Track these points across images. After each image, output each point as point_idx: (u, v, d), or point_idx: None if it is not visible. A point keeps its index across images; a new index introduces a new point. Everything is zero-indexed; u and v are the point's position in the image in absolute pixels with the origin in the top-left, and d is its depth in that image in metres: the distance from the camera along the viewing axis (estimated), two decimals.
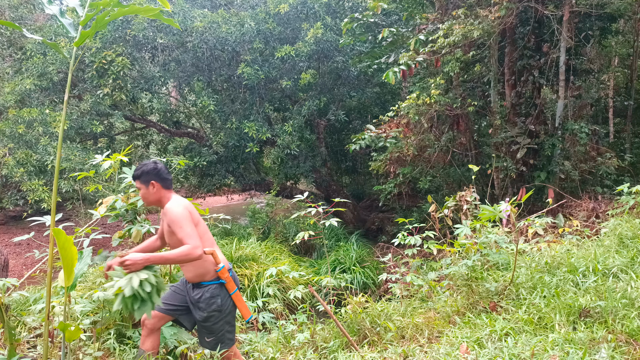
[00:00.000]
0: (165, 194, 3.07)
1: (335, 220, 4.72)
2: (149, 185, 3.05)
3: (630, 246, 4.28)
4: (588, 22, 8.66)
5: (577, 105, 8.57)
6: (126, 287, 2.57)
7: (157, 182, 3.05)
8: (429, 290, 4.59)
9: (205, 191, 12.68)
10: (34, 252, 4.31)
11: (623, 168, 8.17)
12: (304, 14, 11.34)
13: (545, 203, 6.97)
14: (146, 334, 3.15)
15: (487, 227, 5.07)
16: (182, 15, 10.72)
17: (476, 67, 10.16)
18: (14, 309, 4.19)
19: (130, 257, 2.68)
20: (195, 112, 12.79)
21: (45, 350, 2.52)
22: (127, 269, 2.68)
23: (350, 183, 15.91)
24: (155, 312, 3.10)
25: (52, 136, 9.84)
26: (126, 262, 2.67)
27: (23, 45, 11.31)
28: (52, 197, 2.41)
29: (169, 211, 2.94)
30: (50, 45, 2.25)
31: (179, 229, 2.87)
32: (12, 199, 11.92)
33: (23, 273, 10.20)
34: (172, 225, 2.91)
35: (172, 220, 2.90)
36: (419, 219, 7.99)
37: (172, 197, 3.10)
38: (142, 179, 3.06)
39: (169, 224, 2.94)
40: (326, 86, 12.05)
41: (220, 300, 3.08)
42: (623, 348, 2.84)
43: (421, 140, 9.46)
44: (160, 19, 2.40)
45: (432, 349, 3.29)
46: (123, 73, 9.97)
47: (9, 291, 3.99)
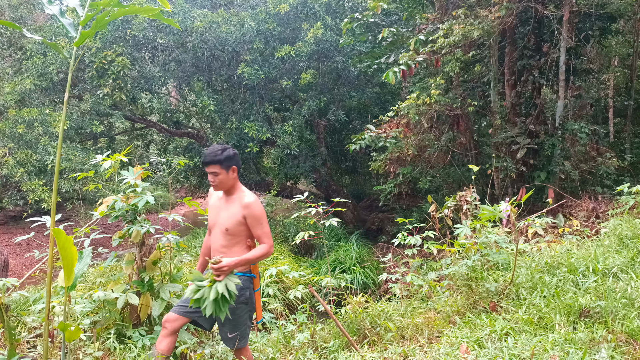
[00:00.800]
0: (238, 181, 3.16)
1: (335, 220, 4.72)
2: (229, 171, 3.06)
3: (630, 246, 4.28)
4: (588, 22, 8.66)
5: (577, 105, 8.57)
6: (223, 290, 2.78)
7: (237, 168, 3.11)
8: (429, 290, 4.59)
9: (205, 191, 12.67)
10: (34, 252, 4.31)
11: (623, 168, 8.17)
12: (304, 14, 11.34)
13: (545, 203, 6.97)
14: (165, 335, 3.07)
15: (487, 227, 5.08)
16: (182, 15, 10.71)
17: (476, 67, 10.16)
18: (14, 309, 4.20)
19: (225, 262, 2.86)
20: (195, 112, 12.78)
21: (45, 350, 2.52)
22: (222, 273, 2.85)
23: (350, 183, 15.90)
24: (174, 315, 3.07)
25: (52, 136, 9.84)
26: (224, 268, 2.84)
27: (23, 45, 11.31)
28: (52, 197, 2.41)
29: (253, 206, 3.05)
30: (50, 45, 2.25)
31: (259, 225, 3.05)
32: (12, 199, 11.92)
33: (23, 273, 10.20)
34: (253, 220, 3.05)
35: (256, 216, 3.05)
36: (419, 219, 7.99)
37: (242, 187, 3.17)
38: (224, 163, 3.04)
39: (250, 217, 3.04)
40: (326, 86, 12.05)
41: (249, 293, 3.13)
42: (623, 348, 2.84)
43: (421, 140, 9.46)
44: (160, 19, 2.39)
45: (432, 349, 3.29)
46: (123, 73, 9.97)
47: (9, 291, 3.99)
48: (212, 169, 3.05)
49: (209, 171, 3.06)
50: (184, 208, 15.98)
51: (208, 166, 3.05)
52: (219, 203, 3.20)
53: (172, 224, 10.64)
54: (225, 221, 3.11)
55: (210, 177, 3.09)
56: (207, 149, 3.12)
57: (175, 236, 4.09)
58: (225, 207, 3.14)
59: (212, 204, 3.26)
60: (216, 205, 3.21)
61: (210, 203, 3.28)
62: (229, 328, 3.12)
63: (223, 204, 3.17)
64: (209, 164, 3.04)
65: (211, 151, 3.06)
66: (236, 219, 3.07)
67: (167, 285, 3.93)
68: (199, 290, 2.83)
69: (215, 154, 3.04)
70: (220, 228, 3.13)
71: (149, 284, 3.89)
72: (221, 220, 3.13)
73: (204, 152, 3.12)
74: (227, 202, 3.14)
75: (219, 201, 3.20)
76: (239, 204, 3.08)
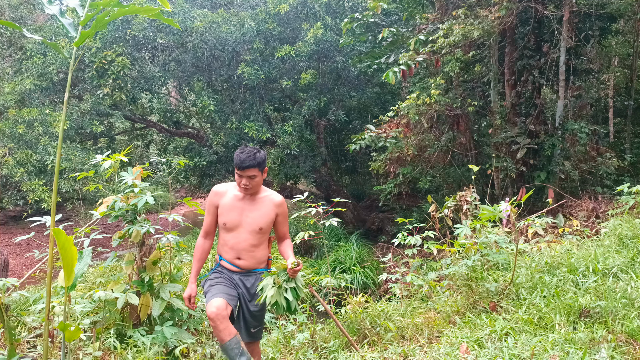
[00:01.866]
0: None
1: (335, 220, 4.72)
2: (263, 172, 3.04)
3: (630, 246, 4.28)
4: (588, 22, 8.66)
5: (577, 105, 8.57)
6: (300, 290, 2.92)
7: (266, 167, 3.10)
8: (429, 290, 4.59)
9: (205, 191, 12.68)
10: (34, 252, 4.31)
11: (623, 168, 8.17)
12: (304, 14, 11.34)
13: (545, 203, 6.97)
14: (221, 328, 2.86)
15: (487, 227, 5.07)
16: (182, 15, 10.71)
17: (476, 67, 10.16)
18: (14, 309, 4.20)
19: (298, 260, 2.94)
20: (195, 112, 12.79)
21: (45, 350, 2.52)
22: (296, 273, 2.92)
23: (350, 183, 15.90)
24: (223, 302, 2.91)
25: (52, 136, 9.84)
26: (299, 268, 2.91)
27: (23, 45, 11.31)
28: (52, 197, 2.41)
29: (284, 205, 3.15)
30: (50, 45, 2.25)
31: (286, 223, 3.18)
32: (12, 199, 11.92)
33: (23, 273, 10.20)
34: (283, 218, 3.15)
35: (286, 214, 3.17)
36: (419, 219, 7.98)
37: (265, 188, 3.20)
38: (261, 166, 2.99)
39: (281, 215, 3.13)
40: (326, 86, 12.05)
41: None
42: (623, 348, 2.84)
43: (421, 140, 9.46)
44: (160, 19, 2.39)
45: (432, 349, 3.29)
46: (123, 73, 9.97)
47: (9, 291, 3.99)
48: (250, 173, 2.94)
49: (247, 175, 2.94)
50: (184, 208, 15.99)
51: (246, 170, 2.93)
52: (241, 204, 3.07)
53: (172, 224, 10.64)
54: (258, 221, 3.05)
55: (246, 180, 2.96)
56: (239, 153, 2.97)
57: (175, 236, 4.09)
58: (251, 207, 3.06)
59: (229, 204, 3.09)
60: (237, 206, 3.08)
61: (224, 203, 3.10)
62: (252, 324, 3.15)
63: (247, 204, 3.07)
64: (248, 168, 2.92)
65: (248, 154, 2.93)
66: (270, 217, 3.07)
67: (167, 285, 3.93)
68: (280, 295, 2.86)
69: (254, 156, 2.93)
70: (250, 228, 3.06)
71: (149, 284, 3.89)
72: (251, 220, 3.05)
73: (238, 157, 2.96)
74: (254, 202, 3.07)
75: (240, 202, 3.08)
76: (271, 203, 3.08)
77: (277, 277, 2.91)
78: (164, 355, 3.64)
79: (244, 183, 2.98)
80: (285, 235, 3.20)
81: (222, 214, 3.11)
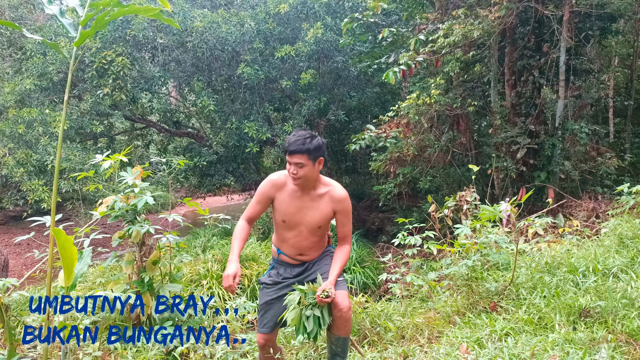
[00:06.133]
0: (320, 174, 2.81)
1: None
2: (316, 163, 2.68)
3: (630, 246, 4.28)
4: (588, 22, 8.66)
5: (577, 105, 8.57)
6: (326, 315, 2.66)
7: (324, 160, 2.75)
8: (429, 290, 4.59)
9: (205, 191, 12.69)
10: (34, 252, 4.31)
11: (623, 168, 8.17)
12: (304, 14, 11.34)
13: (545, 203, 6.97)
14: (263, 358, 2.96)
15: (487, 227, 5.07)
16: (182, 15, 10.71)
17: (476, 67, 10.16)
18: (14, 309, 4.20)
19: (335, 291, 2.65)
20: (195, 112, 12.79)
21: (45, 350, 2.53)
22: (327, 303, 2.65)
23: (350, 183, 15.89)
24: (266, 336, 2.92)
25: (52, 136, 9.84)
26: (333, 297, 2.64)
27: (23, 45, 11.31)
28: (52, 197, 2.41)
29: (347, 201, 2.83)
30: (50, 45, 2.25)
31: (348, 222, 2.85)
32: (12, 199, 11.93)
33: (23, 273, 10.20)
34: (344, 217, 2.84)
35: (347, 212, 2.84)
36: (419, 219, 7.97)
37: (325, 178, 2.85)
38: (312, 154, 2.64)
39: (341, 213, 2.83)
40: (326, 86, 12.04)
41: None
42: (623, 348, 2.84)
43: (421, 140, 9.46)
44: (160, 19, 2.39)
45: (432, 349, 3.29)
46: (123, 73, 9.97)
47: (9, 291, 3.99)
48: (297, 159, 2.63)
49: (293, 161, 2.64)
50: (184, 208, 16.00)
51: (293, 155, 2.63)
52: (299, 200, 2.80)
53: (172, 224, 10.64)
54: (317, 220, 2.82)
55: (293, 168, 2.66)
56: (291, 136, 2.69)
57: (175, 236, 4.08)
58: (311, 204, 2.80)
59: (287, 200, 2.82)
60: (296, 203, 2.81)
61: (281, 197, 2.82)
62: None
63: (307, 201, 2.80)
64: (295, 153, 2.62)
65: (297, 138, 2.64)
66: (327, 215, 2.82)
67: (167, 285, 3.92)
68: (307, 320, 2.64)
69: (304, 141, 2.62)
70: (310, 226, 2.84)
71: (149, 284, 3.89)
72: (310, 219, 2.82)
73: (288, 139, 2.68)
74: (312, 198, 2.79)
75: (299, 198, 2.80)
76: (330, 199, 2.79)
77: (304, 297, 2.68)
78: (164, 356, 3.64)
79: (292, 171, 2.68)
80: (345, 239, 2.87)
81: (278, 210, 2.86)
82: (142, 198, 3.81)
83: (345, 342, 2.89)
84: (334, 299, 2.67)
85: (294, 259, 2.94)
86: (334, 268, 2.77)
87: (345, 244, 2.88)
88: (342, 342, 2.88)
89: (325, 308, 2.67)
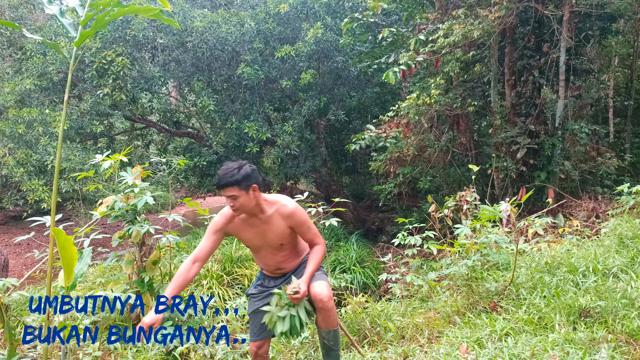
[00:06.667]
0: (261, 195, 2.76)
1: (335, 220, 4.72)
2: (249, 191, 2.64)
3: (630, 246, 4.28)
4: (588, 22, 8.66)
5: (577, 105, 8.57)
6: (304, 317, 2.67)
7: (258, 185, 2.69)
8: (429, 290, 4.59)
9: (205, 191, 12.69)
10: (34, 252, 4.31)
11: (623, 168, 8.17)
12: (304, 14, 11.34)
13: (545, 203, 6.97)
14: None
15: (487, 227, 5.07)
16: (182, 15, 10.71)
17: (476, 67, 10.16)
18: (14, 309, 4.20)
19: (305, 288, 2.67)
20: (195, 112, 12.79)
21: (45, 350, 2.53)
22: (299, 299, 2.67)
23: (350, 183, 15.90)
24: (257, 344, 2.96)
25: (52, 136, 9.84)
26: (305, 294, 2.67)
27: (23, 45, 11.31)
28: (52, 197, 2.41)
29: (296, 213, 2.79)
30: (50, 45, 2.25)
31: (308, 228, 2.84)
32: (12, 199, 11.93)
33: (23, 273, 10.20)
34: (300, 227, 2.82)
35: (302, 221, 2.81)
36: (419, 219, 7.98)
37: (268, 196, 2.82)
38: (242, 184, 2.61)
39: (297, 226, 2.82)
40: (326, 86, 12.04)
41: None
42: (623, 348, 2.84)
43: (421, 140, 9.46)
44: (160, 19, 2.39)
45: (432, 349, 3.29)
46: (123, 73, 9.97)
47: (9, 291, 3.99)
48: (229, 192, 2.62)
49: (226, 195, 2.64)
50: (184, 208, 15.99)
51: (224, 189, 2.62)
52: (253, 227, 2.82)
53: (172, 224, 10.64)
54: (275, 239, 2.84)
55: (229, 201, 2.66)
56: (220, 170, 2.68)
57: (175, 236, 4.09)
58: (264, 227, 2.81)
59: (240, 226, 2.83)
60: (250, 231, 2.83)
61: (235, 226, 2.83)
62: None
63: (260, 225, 2.81)
64: (226, 187, 2.61)
65: (225, 172, 2.63)
66: (284, 232, 2.82)
67: (167, 285, 3.92)
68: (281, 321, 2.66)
69: (232, 174, 2.61)
70: (272, 247, 2.89)
71: (149, 284, 3.89)
72: (270, 240, 2.85)
73: (218, 174, 2.68)
74: (264, 221, 2.79)
75: (251, 226, 2.82)
76: (280, 217, 2.78)
77: (279, 299, 2.70)
78: (164, 356, 3.64)
79: (229, 204, 2.69)
80: (313, 241, 2.88)
81: (240, 238, 2.94)
82: (142, 198, 3.81)
83: (335, 335, 2.89)
84: (312, 290, 2.72)
85: (274, 273, 3.03)
86: (308, 267, 2.81)
87: (315, 245, 2.90)
88: (333, 335, 2.89)
89: (302, 306, 2.70)
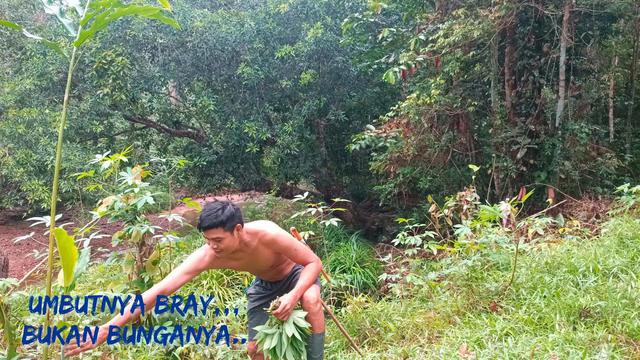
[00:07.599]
0: (244, 231, 2.67)
1: (335, 220, 4.72)
2: (234, 231, 2.57)
3: (630, 246, 4.28)
4: (588, 22, 8.66)
5: (577, 105, 8.57)
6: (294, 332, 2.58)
7: (241, 224, 2.62)
8: (429, 290, 4.59)
9: (205, 191, 12.68)
10: (34, 252, 4.31)
11: (623, 168, 8.17)
12: (304, 14, 11.34)
13: (545, 203, 6.97)
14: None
15: (487, 227, 5.07)
16: (182, 15, 10.71)
17: (476, 67, 10.16)
18: (14, 309, 4.20)
19: (285, 302, 2.58)
20: (195, 112, 12.78)
21: (45, 350, 2.52)
22: (286, 314, 2.60)
23: (350, 183, 15.90)
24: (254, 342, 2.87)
25: (52, 136, 9.84)
26: (287, 308, 2.58)
27: (23, 45, 11.31)
28: (52, 197, 2.41)
29: (277, 239, 2.71)
30: (50, 45, 2.25)
31: (295, 251, 2.78)
32: (12, 199, 11.93)
33: (23, 273, 10.20)
34: (288, 251, 2.77)
35: (285, 246, 2.74)
36: (419, 219, 7.98)
37: (252, 226, 2.74)
38: (227, 225, 2.52)
39: (281, 250, 2.77)
40: (326, 86, 12.05)
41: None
42: (623, 348, 2.84)
43: (421, 140, 9.46)
44: (160, 18, 2.39)
45: (432, 349, 3.29)
46: (123, 73, 9.97)
47: (9, 291, 3.99)
48: (214, 234, 2.51)
49: (210, 237, 2.52)
50: (184, 208, 15.98)
51: (208, 231, 2.51)
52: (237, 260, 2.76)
53: (172, 224, 10.64)
54: (263, 265, 2.84)
55: (213, 243, 2.55)
56: (202, 211, 2.57)
57: (175, 236, 4.09)
58: (249, 257, 2.75)
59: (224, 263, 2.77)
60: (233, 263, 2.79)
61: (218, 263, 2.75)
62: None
63: (244, 256, 2.74)
64: (210, 228, 2.50)
65: (209, 212, 2.52)
66: (269, 257, 2.80)
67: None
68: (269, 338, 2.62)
69: (216, 215, 2.50)
70: (260, 270, 2.91)
71: (149, 284, 3.89)
72: (256, 266, 2.85)
73: (200, 215, 2.55)
74: (247, 253, 2.73)
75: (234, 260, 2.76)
76: (263, 245, 2.72)
77: (271, 318, 2.68)
78: (164, 356, 3.64)
79: (212, 246, 2.57)
80: (305, 262, 2.82)
81: (224, 267, 2.92)
82: (142, 198, 3.81)
83: (317, 340, 2.81)
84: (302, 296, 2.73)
85: (270, 282, 3.09)
86: (297, 284, 2.73)
87: (306, 263, 2.84)
88: (316, 340, 2.80)
89: (290, 323, 2.62)
